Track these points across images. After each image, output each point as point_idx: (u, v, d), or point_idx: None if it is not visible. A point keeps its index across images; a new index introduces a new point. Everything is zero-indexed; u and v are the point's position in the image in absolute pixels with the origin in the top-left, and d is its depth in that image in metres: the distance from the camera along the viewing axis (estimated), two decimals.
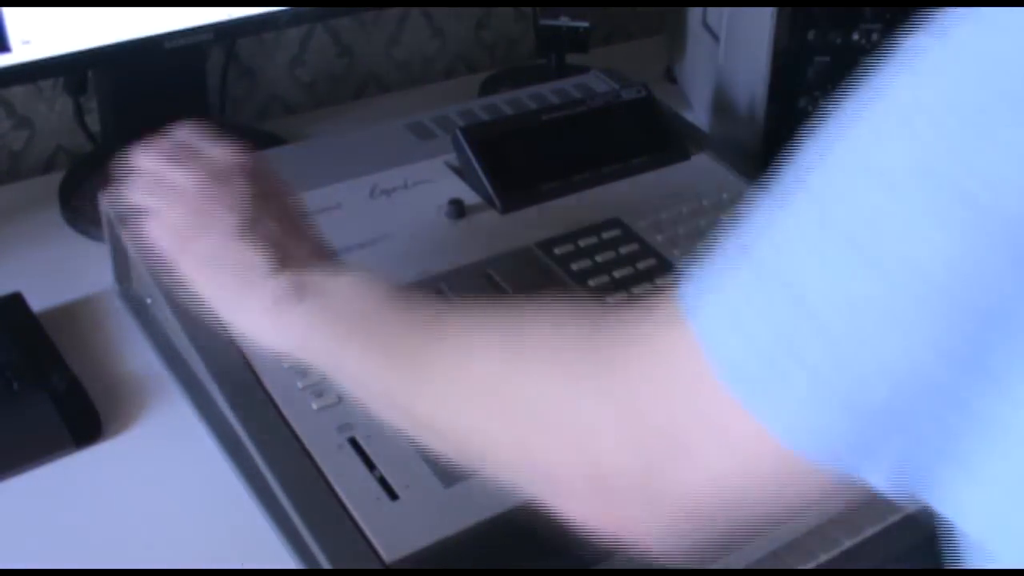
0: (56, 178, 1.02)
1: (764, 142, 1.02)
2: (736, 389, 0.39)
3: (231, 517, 0.68)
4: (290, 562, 0.65)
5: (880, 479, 0.39)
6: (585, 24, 1.16)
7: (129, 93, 1.00)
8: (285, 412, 0.66)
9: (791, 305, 0.38)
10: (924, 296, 0.35)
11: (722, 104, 1.08)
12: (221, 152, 0.63)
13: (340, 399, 0.67)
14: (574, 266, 0.79)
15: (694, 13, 1.18)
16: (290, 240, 0.59)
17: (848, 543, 0.68)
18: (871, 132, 0.37)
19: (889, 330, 0.36)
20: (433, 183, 0.86)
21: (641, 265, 0.80)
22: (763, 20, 0.97)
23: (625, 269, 0.80)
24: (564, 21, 1.16)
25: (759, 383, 0.39)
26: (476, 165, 0.85)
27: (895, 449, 0.38)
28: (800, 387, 0.38)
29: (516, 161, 0.87)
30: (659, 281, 0.79)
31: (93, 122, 1.06)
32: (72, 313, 0.86)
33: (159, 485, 0.71)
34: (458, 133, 0.86)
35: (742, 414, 0.39)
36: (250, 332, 0.59)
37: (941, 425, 0.37)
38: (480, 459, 0.51)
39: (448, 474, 0.63)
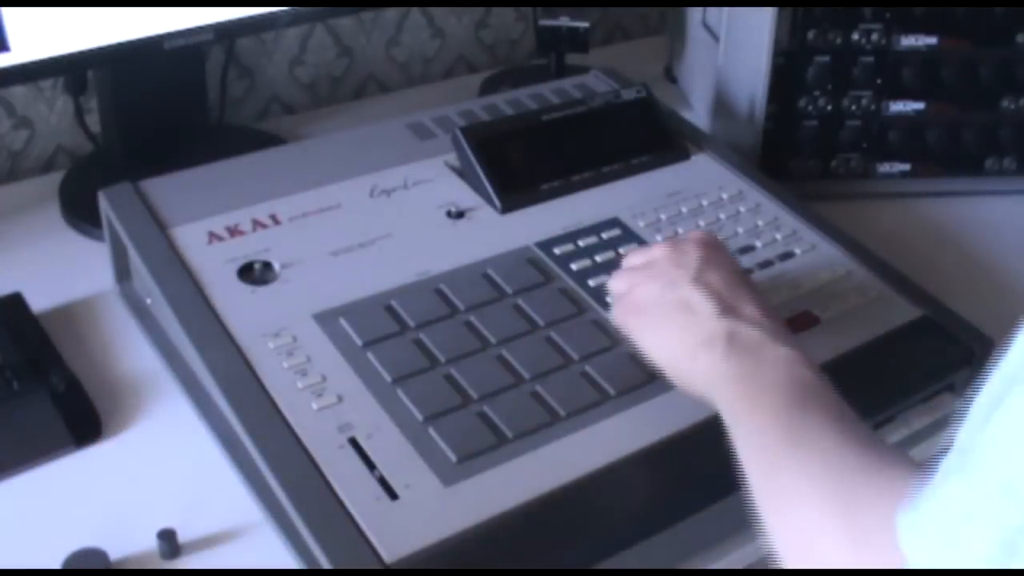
0: (56, 178, 1.02)
1: (764, 142, 1.02)
2: None
3: (231, 517, 0.68)
4: (290, 562, 0.65)
5: None
6: (585, 24, 1.16)
7: (129, 93, 1.00)
8: (285, 412, 0.66)
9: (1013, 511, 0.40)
10: None
11: (722, 104, 1.08)
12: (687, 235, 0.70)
13: (340, 399, 0.67)
14: (574, 266, 0.79)
15: (694, 13, 1.18)
16: (734, 297, 0.64)
17: None
18: None
19: None
20: (433, 183, 0.86)
21: None
22: (763, 20, 0.97)
23: None
24: (564, 21, 1.16)
25: None
26: (476, 165, 0.85)
27: None
28: None
29: (516, 161, 0.87)
30: None
31: (93, 122, 1.06)
32: (72, 313, 0.86)
33: (159, 485, 0.71)
34: (458, 133, 0.86)
35: None
36: (675, 365, 0.63)
37: None
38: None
39: (448, 474, 0.63)
